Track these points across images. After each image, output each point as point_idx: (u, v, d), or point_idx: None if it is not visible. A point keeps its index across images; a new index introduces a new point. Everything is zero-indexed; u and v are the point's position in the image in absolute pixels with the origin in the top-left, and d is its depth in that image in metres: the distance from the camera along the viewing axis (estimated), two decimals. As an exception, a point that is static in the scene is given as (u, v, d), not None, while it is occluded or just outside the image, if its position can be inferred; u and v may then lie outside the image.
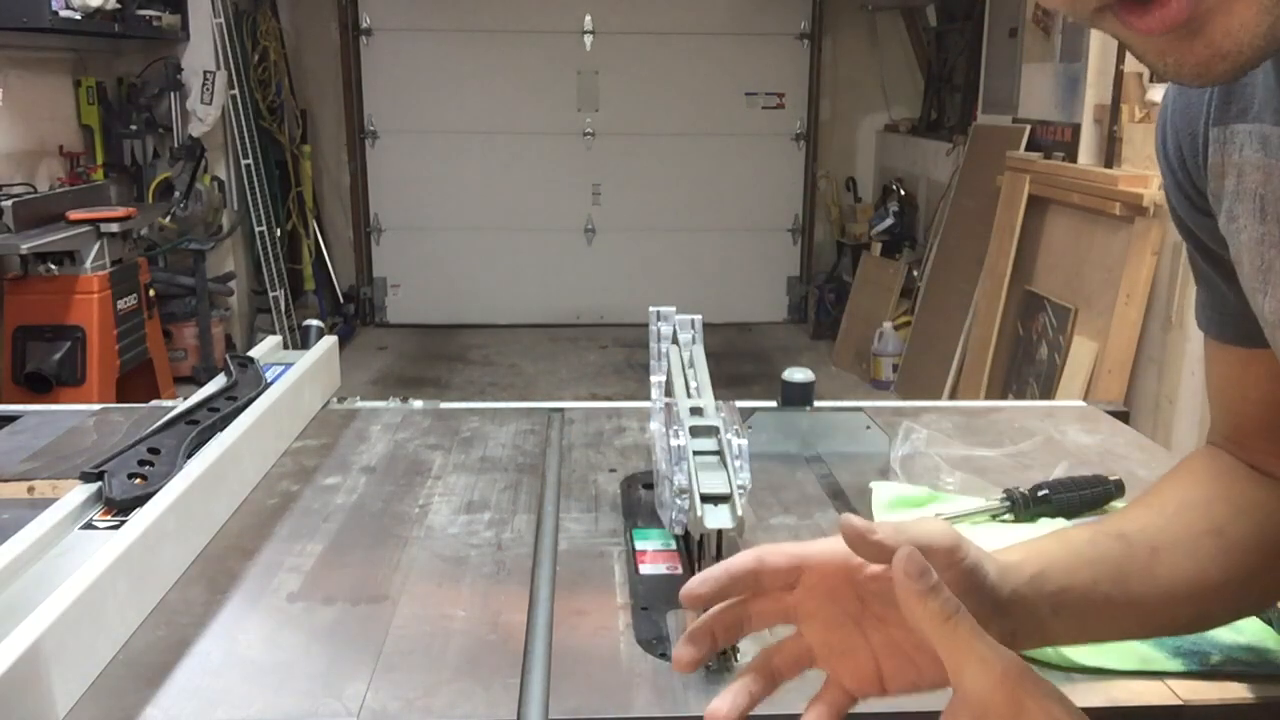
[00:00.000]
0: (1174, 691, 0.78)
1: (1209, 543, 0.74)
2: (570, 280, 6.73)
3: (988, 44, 4.93)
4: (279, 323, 5.46)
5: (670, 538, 1.02)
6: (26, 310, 3.74)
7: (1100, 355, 3.44)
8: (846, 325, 5.78)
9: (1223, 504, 0.76)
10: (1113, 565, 0.72)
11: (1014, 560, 0.69)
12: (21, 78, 4.17)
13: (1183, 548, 0.74)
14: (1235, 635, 0.84)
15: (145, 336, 4.10)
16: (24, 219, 3.64)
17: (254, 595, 0.91)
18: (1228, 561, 0.74)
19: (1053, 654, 0.80)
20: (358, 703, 0.75)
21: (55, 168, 4.43)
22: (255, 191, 5.30)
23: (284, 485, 1.16)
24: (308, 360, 1.38)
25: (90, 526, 0.93)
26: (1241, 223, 0.66)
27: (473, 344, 6.30)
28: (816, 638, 0.64)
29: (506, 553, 1.00)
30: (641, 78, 6.43)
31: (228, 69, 5.11)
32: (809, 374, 1.30)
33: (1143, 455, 1.28)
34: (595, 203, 6.69)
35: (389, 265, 6.76)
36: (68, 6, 3.89)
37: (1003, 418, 1.41)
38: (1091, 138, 3.84)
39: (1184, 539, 0.75)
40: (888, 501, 1.09)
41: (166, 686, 0.77)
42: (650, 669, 0.80)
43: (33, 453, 1.26)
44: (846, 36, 6.53)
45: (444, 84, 6.46)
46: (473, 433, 1.34)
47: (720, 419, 0.93)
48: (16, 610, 0.75)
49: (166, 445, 1.05)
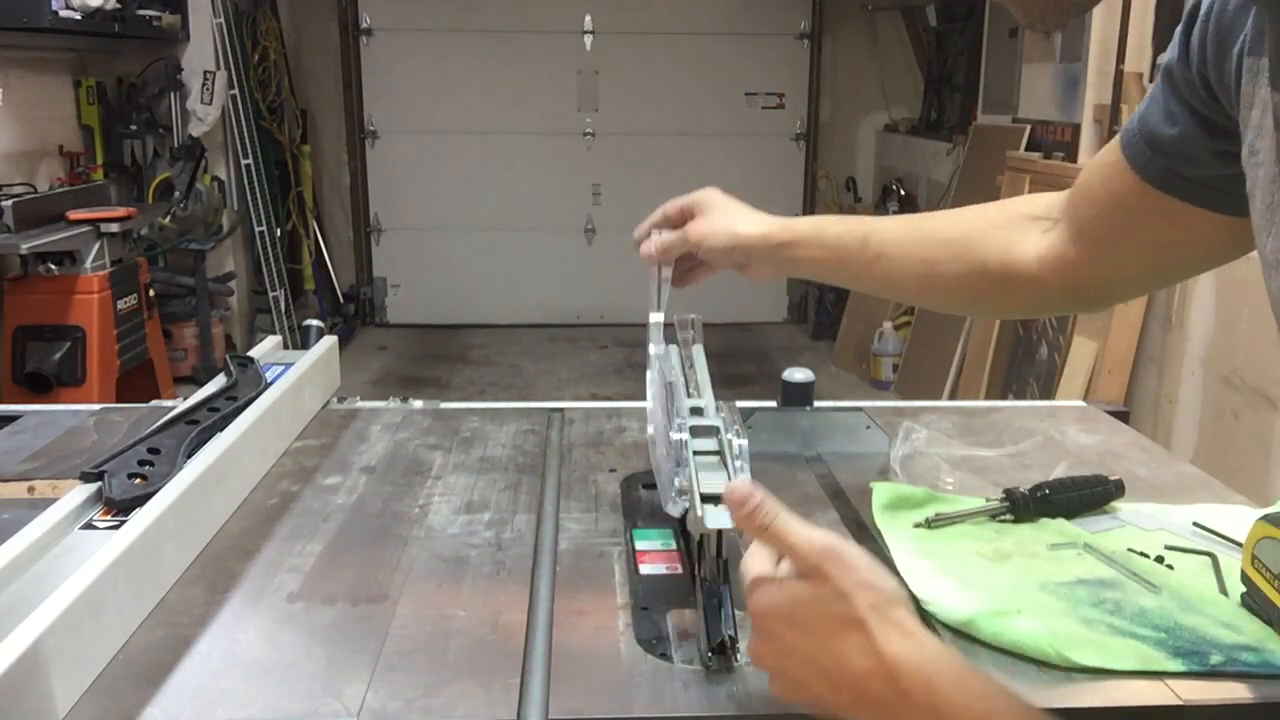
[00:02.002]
0: (1174, 691, 0.78)
1: (920, 269, 1.06)
2: (570, 280, 6.73)
3: (988, 44, 4.94)
4: (279, 323, 5.46)
5: (670, 538, 1.02)
6: (26, 310, 3.74)
7: (1100, 355, 3.44)
8: (846, 325, 5.78)
9: (958, 248, 1.04)
10: (842, 253, 1.08)
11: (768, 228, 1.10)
12: (21, 78, 4.17)
13: (901, 269, 1.07)
14: (1235, 635, 0.84)
15: (145, 336, 4.10)
16: (24, 219, 3.64)
17: (254, 595, 0.91)
18: (924, 288, 1.09)
19: (1053, 654, 0.80)
20: (358, 703, 0.75)
21: (55, 168, 4.43)
22: (255, 191, 5.30)
23: (284, 485, 1.16)
24: (308, 360, 1.38)
25: (90, 526, 0.93)
26: (1260, 158, 0.68)
27: (473, 344, 6.30)
28: None
29: (506, 553, 1.00)
30: (641, 78, 6.43)
31: (228, 69, 5.11)
32: (809, 374, 1.29)
33: (1143, 455, 1.28)
34: (595, 203, 6.69)
35: (389, 265, 6.76)
36: (68, 6, 3.89)
37: (1003, 418, 1.41)
38: (1091, 138, 3.84)
39: (905, 257, 1.06)
40: (887, 501, 1.09)
41: (166, 686, 0.77)
42: (650, 669, 0.80)
43: (33, 453, 1.26)
44: (846, 36, 6.53)
45: (444, 84, 6.46)
46: (473, 433, 1.34)
47: (720, 419, 0.92)
48: (16, 610, 0.74)
49: (166, 445, 1.05)
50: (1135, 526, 1.05)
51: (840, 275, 1.12)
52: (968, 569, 0.95)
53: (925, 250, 1.06)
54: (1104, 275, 0.96)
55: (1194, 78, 0.77)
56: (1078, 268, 0.96)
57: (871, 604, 0.64)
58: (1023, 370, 4.01)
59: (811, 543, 0.67)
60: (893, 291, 1.14)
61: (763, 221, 1.11)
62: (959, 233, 1.06)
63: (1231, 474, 2.36)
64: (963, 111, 5.42)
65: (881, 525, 1.05)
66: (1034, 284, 1.00)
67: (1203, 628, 0.85)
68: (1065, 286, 0.98)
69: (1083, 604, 0.88)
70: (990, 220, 1.05)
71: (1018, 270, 1.01)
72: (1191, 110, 0.79)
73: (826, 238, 1.09)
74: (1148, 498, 1.13)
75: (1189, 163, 0.82)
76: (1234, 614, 0.87)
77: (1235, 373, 2.92)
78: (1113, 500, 1.10)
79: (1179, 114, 0.80)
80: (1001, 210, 1.07)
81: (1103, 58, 3.73)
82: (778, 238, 1.09)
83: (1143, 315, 3.38)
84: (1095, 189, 0.93)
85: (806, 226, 1.11)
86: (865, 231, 1.08)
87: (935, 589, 0.90)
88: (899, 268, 1.07)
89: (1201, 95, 0.77)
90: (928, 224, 1.10)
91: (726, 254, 1.11)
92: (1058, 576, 0.94)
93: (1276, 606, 0.84)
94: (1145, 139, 0.85)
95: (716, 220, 1.11)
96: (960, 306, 1.13)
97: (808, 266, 1.11)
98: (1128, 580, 0.93)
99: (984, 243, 1.03)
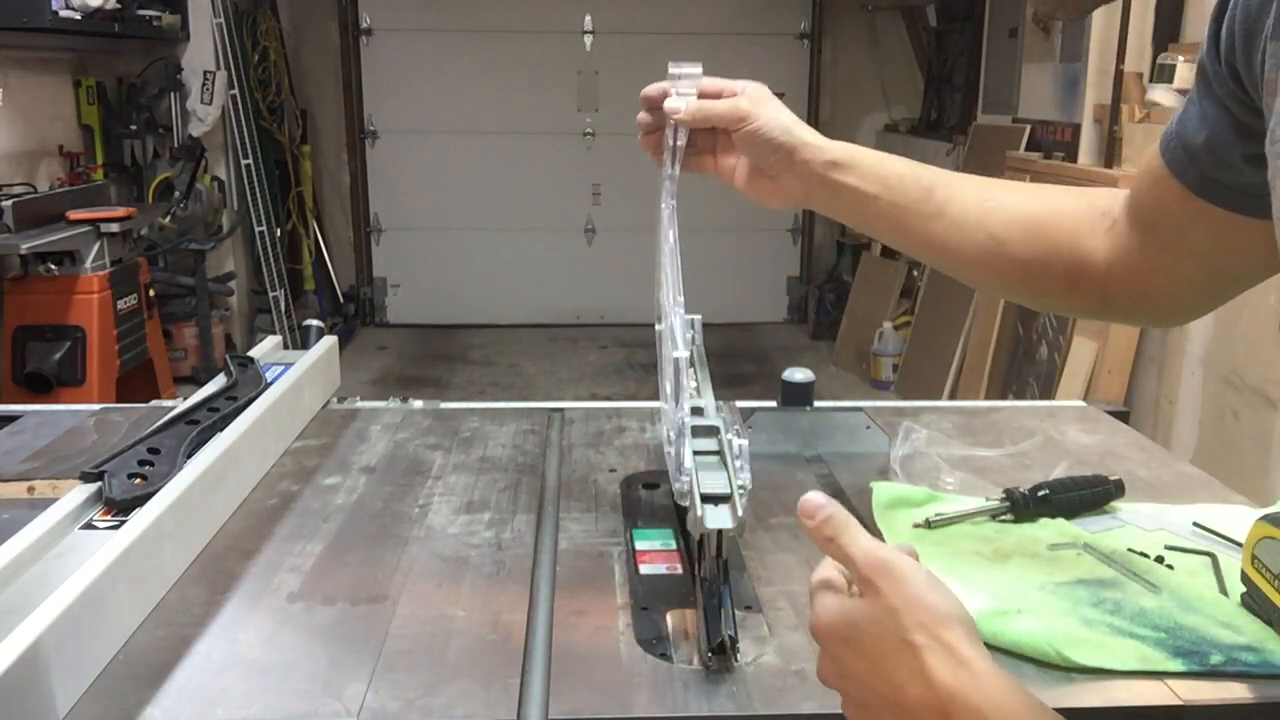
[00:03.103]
0: (1174, 691, 0.78)
1: (984, 243, 0.94)
2: (570, 280, 6.73)
3: (988, 44, 4.94)
4: (279, 323, 5.46)
5: (670, 538, 1.02)
6: (26, 310, 3.74)
7: (1100, 355, 3.44)
8: (846, 325, 5.78)
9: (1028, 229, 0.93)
10: (899, 197, 0.95)
11: (824, 142, 0.97)
12: (21, 78, 4.17)
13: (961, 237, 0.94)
14: (1235, 635, 0.84)
15: (145, 336, 4.10)
16: (24, 219, 3.64)
17: (254, 595, 0.91)
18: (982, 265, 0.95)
19: (1053, 654, 0.80)
20: (358, 703, 0.75)
21: (55, 168, 4.43)
22: (255, 191, 5.30)
23: (284, 485, 1.16)
24: (308, 360, 1.38)
25: (90, 526, 0.93)
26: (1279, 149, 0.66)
27: (473, 344, 6.30)
28: None
29: (506, 553, 1.00)
30: (641, 78, 6.34)
31: (228, 69, 5.11)
32: (809, 374, 1.29)
33: (1142, 455, 1.28)
34: (595, 203, 6.69)
35: (389, 265, 6.76)
36: (68, 6, 3.89)
37: (1003, 418, 1.41)
38: (1091, 138, 3.84)
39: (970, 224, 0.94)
40: (887, 501, 1.09)
41: (166, 686, 0.77)
42: (650, 669, 0.80)
43: (33, 453, 1.26)
44: (846, 36, 6.53)
45: (444, 84, 6.46)
46: (473, 433, 1.34)
47: (721, 419, 0.92)
48: (16, 610, 0.75)
49: (166, 445, 1.05)
50: (1135, 526, 1.05)
51: (884, 224, 0.97)
52: (968, 569, 0.95)
53: (994, 224, 0.93)
54: (1164, 288, 0.89)
55: (1224, 71, 0.75)
56: (1141, 278, 0.89)
57: (921, 623, 0.60)
58: (1023, 370, 4.01)
59: (867, 555, 0.63)
60: (943, 259, 0.98)
61: (817, 134, 0.98)
62: (1030, 212, 0.94)
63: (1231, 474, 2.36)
64: (963, 111, 5.43)
65: (881, 525, 1.05)
66: (1100, 287, 0.92)
67: (1203, 628, 0.85)
68: (1130, 295, 0.91)
69: (1083, 604, 0.88)
70: (1062, 206, 0.94)
71: (1086, 268, 0.92)
72: (1224, 109, 0.77)
73: (887, 173, 0.95)
74: (1148, 498, 1.13)
75: (1222, 168, 0.78)
76: (1234, 614, 0.87)
77: (1235, 373, 2.92)
78: (1113, 500, 1.10)
79: (1212, 115, 0.78)
80: (1072, 197, 0.96)
81: (1103, 58, 3.73)
82: (832, 153, 0.96)
83: (1143, 315, 3.38)
84: (1142, 197, 0.87)
85: (869, 156, 0.96)
86: (932, 181, 0.95)
87: (935, 589, 0.90)
88: (960, 236, 0.94)
89: (1231, 88, 0.75)
90: (997, 194, 0.96)
91: (768, 147, 0.96)
92: (1058, 576, 0.94)
93: (1276, 606, 0.84)
94: (1182, 143, 0.81)
95: (770, 108, 0.97)
96: (1017, 294, 1.00)
97: (850, 201, 0.96)
98: (1128, 580, 0.93)
99: (1056, 230, 0.93)
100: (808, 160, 0.96)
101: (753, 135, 0.97)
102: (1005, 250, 0.93)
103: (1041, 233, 0.93)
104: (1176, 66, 3.19)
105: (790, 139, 0.96)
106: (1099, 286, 0.92)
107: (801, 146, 0.96)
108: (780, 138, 0.96)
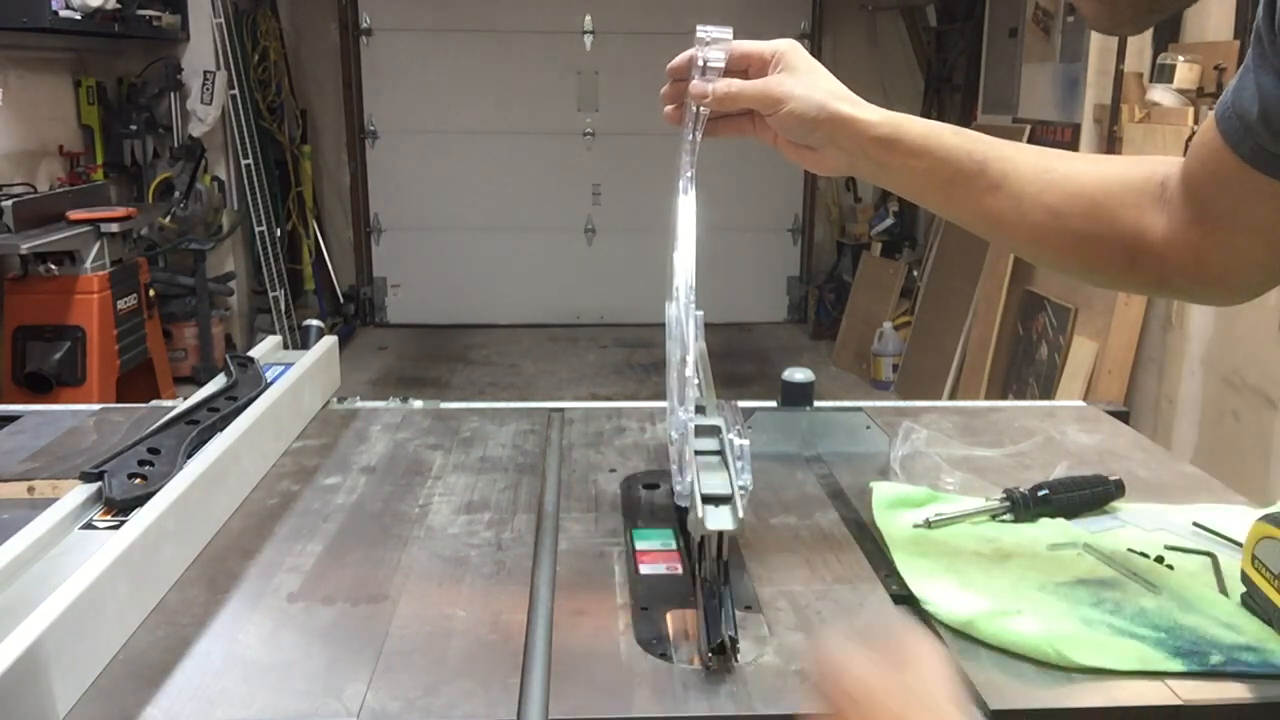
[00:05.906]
0: (1174, 691, 0.78)
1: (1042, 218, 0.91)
2: (570, 280, 6.73)
3: (988, 44, 4.94)
4: (279, 323, 5.46)
5: (670, 538, 1.02)
6: (26, 310, 3.75)
7: (1100, 355, 3.44)
8: (846, 325, 5.78)
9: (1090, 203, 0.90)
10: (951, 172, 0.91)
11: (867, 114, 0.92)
12: (21, 78, 4.17)
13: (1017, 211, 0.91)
14: (1235, 635, 0.84)
15: (145, 336, 4.10)
16: (24, 219, 3.65)
17: (254, 595, 0.91)
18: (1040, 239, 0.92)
19: (1053, 654, 0.80)
20: (358, 703, 0.75)
21: (55, 168, 4.43)
22: (255, 191, 5.30)
23: (284, 485, 1.16)
24: (308, 360, 1.38)
25: (90, 526, 0.93)
26: None
27: (473, 344, 6.30)
28: None
29: (506, 553, 1.00)
30: (641, 78, 6.38)
31: (228, 69, 5.11)
32: (809, 374, 1.29)
33: (1143, 455, 1.28)
34: (595, 203, 6.69)
35: (389, 265, 6.76)
36: (68, 6, 3.89)
37: (1003, 418, 1.41)
38: (1091, 138, 3.84)
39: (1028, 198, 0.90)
40: (887, 501, 1.09)
41: (166, 686, 0.77)
42: (650, 669, 0.80)
43: (33, 453, 1.26)
44: (846, 36, 6.53)
45: (444, 84, 6.46)
46: (473, 433, 1.34)
47: (722, 419, 0.92)
48: (16, 610, 0.74)
49: (166, 445, 1.05)
50: (1135, 526, 1.05)
51: (936, 197, 0.94)
52: (968, 569, 0.95)
53: (1053, 197, 0.90)
54: (1224, 264, 0.86)
55: (1278, 38, 0.74)
56: (1200, 254, 0.87)
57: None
58: (1023, 370, 4.01)
59: None
60: (998, 233, 0.95)
61: (860, 104, 0.93)
62: (1092, 185, 0.91)
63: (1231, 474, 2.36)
64: (963, 111, 5.43)
65: (881, 525, 1.05)
66: (1160, 263, 0.89)
67: (1203, 628, 0.85)
68: (1190, 273, 0.88)
69: (1083, 604, 0.88)
70: (1125, 177, 0.91)
71: (1146, 243, 0.89)
72: (1278, 77, 0.75)
73: (938, 148, 0.92)
74: (1148, 498, 1.13)
75: (1278, 139, 0.77)
76: (1234, 614, 0.87)
77: (1235, 373, 2.92)
78: (1113, 500, 1.10)
79: (1267, 84, 0.76)
80: (1133, 167, 0.92)
81: (1103, 58, 3.73)
82: (878, 129, 0.91)
83: (1143, 315, 3.38)
84: (1197, 171, 0.85)
85: (917, 129, 0.92)
86: (985, 154, 0.92)
87: (935, 589, 0.90)
88: (1016, 209, 0.91)
89: None
90: (1058, 165, 0.92)
91: (807, 127, 0.92)
92: (1058, 576, 0.94)
93: (1276, 606, 0.84)
94: (1237, 114, 0.79)
95: (805, 83, 0.93)
96: (1074, 269, 0.96)
97: (900, 176, 0.93)
98: (1128, 580, 0.93)
99: (1119, 204, 0.90)
100: (850, 138, 0.92)
101: (787, 119, 0.93)
102: (1064, 225, 0.91)
103: (1102, 207, 0.90)
104: (1176, 66, 3.19)
105: (827, 117, 0.91)
106: (1159, 263, 0.89)
107: (841, 125, 0.91)
108: (816, 117, 0.91)
